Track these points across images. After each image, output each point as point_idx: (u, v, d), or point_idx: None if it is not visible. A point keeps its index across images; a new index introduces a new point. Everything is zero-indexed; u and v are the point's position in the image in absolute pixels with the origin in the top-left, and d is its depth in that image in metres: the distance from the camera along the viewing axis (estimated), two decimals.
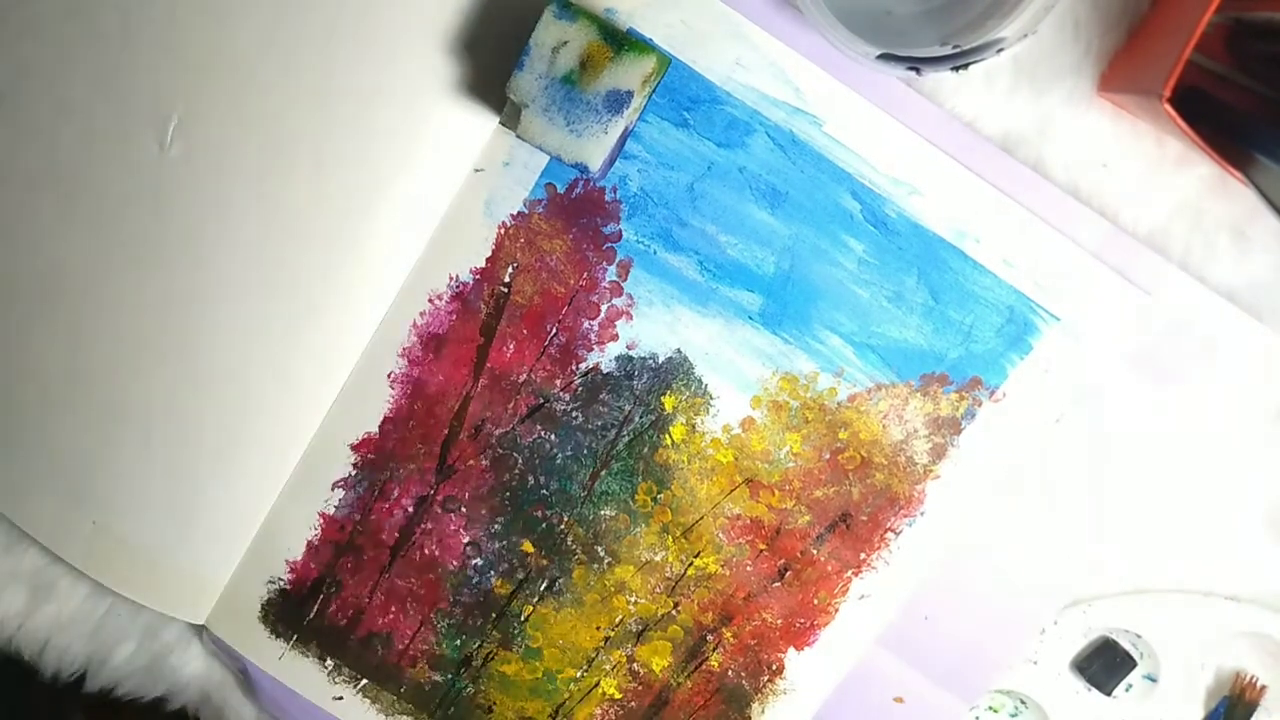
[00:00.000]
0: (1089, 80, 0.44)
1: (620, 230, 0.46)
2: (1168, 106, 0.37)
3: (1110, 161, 0.45)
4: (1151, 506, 0.48)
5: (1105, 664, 0.50)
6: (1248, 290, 0.45)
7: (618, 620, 0.50)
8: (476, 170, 0.46)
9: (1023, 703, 0.51)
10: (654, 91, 0.44)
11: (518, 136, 0.42)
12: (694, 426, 0.48)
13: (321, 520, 0.50)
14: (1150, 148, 0.45)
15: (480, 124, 0.45)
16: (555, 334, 0.48)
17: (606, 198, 0.46)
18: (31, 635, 0.53)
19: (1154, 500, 0.48)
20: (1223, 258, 0.45)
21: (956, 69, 0.39)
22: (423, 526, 0.50)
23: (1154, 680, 0.50)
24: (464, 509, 0.50)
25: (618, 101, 0.41)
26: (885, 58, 0.39)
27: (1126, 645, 0.50)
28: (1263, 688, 0.50)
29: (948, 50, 0.39)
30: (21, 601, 0.53)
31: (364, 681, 0.51)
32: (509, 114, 0.43)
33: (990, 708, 0.51)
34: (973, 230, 0.45)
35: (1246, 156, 0.39)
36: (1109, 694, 0.50)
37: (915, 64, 0.39)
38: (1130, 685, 0.51)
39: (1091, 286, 0.45)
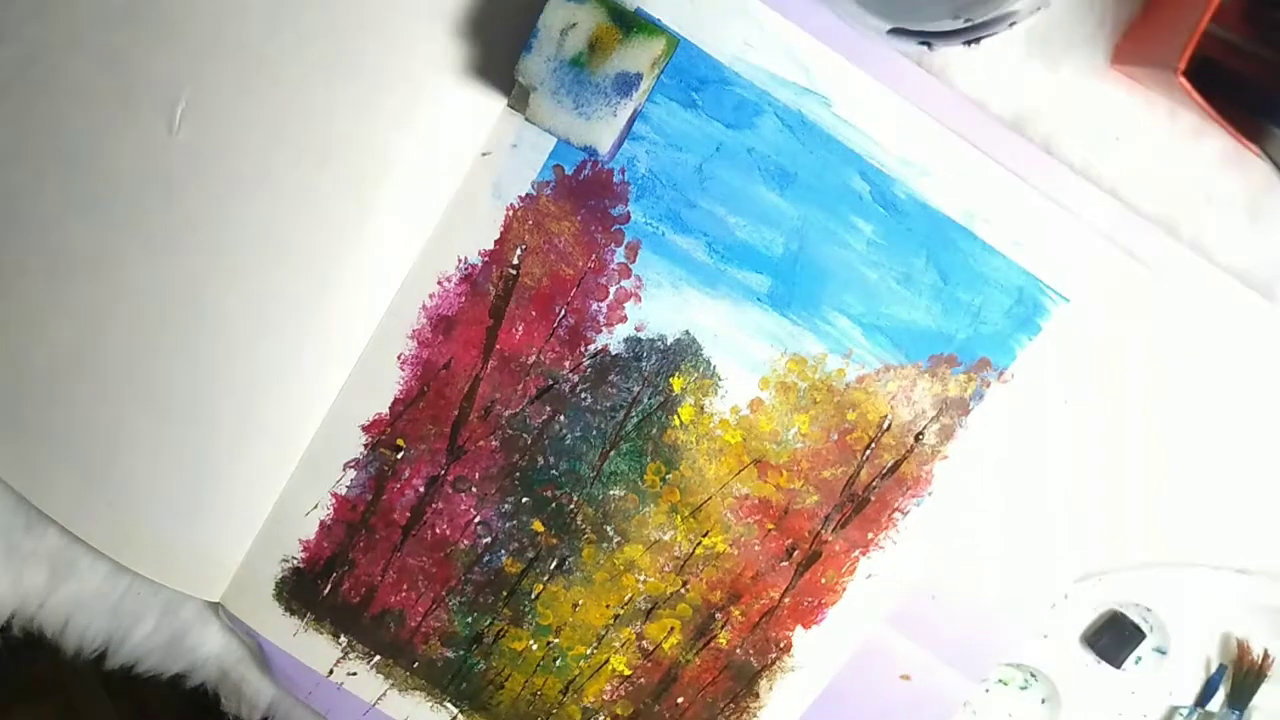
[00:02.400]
0: (1103, 53, 0.44)
1: (628, 212, 0.46)
2: (1182, 80, 0.37)
3: (1123, 135, 0.44)
4: (1160, 481, 0.48)
5: (1115, 637, 0.50)
6: (1261, 264, 0.45)
7: (627, 598, 0.51)
8: (484, 154, 0.46)
9: (1033, 675, 0.52)
10: (662, 73, 0.44)
11: (526, 119, 0.42)
12: (702, 407, 0.48)
13: (334, 500, 0.50)
14: (1164, 120, 0.44)
15: (488, 106, 0.45)
16: (564, 316, 0.48)
17: (614, 179, 0.46)
18: (53, 613, 0.54)
19: (1163, 475, 0.47)
20: (1236, 231, 0.45)
21: (968, 43, 0.38)
22: (434, 506, 0.50)
23: (1163, 653, 0.51)
24: (474, 489, 0.50)
25: (627, 84, 0.41)
26: (896, 32, 0.38)
27: (1136, 618, 0.50)
28: (1270, 659, 0.50)
29: (959, 24, 0.38)
30: (43, 580, 0.53)
31: (377, 658, 0.52)
32: (517, 97, 0.43)
33: (1000, 680, 0.52)
34: (982, 211, 0.45)
35: (1261, 129, 0.39)
36: (1119, 667, 0.51)
37: (927, 38, 0.38)
38: (1140, 658, 0.51)
39: (1101, 267, 0.45)
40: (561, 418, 0.49)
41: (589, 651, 0.51)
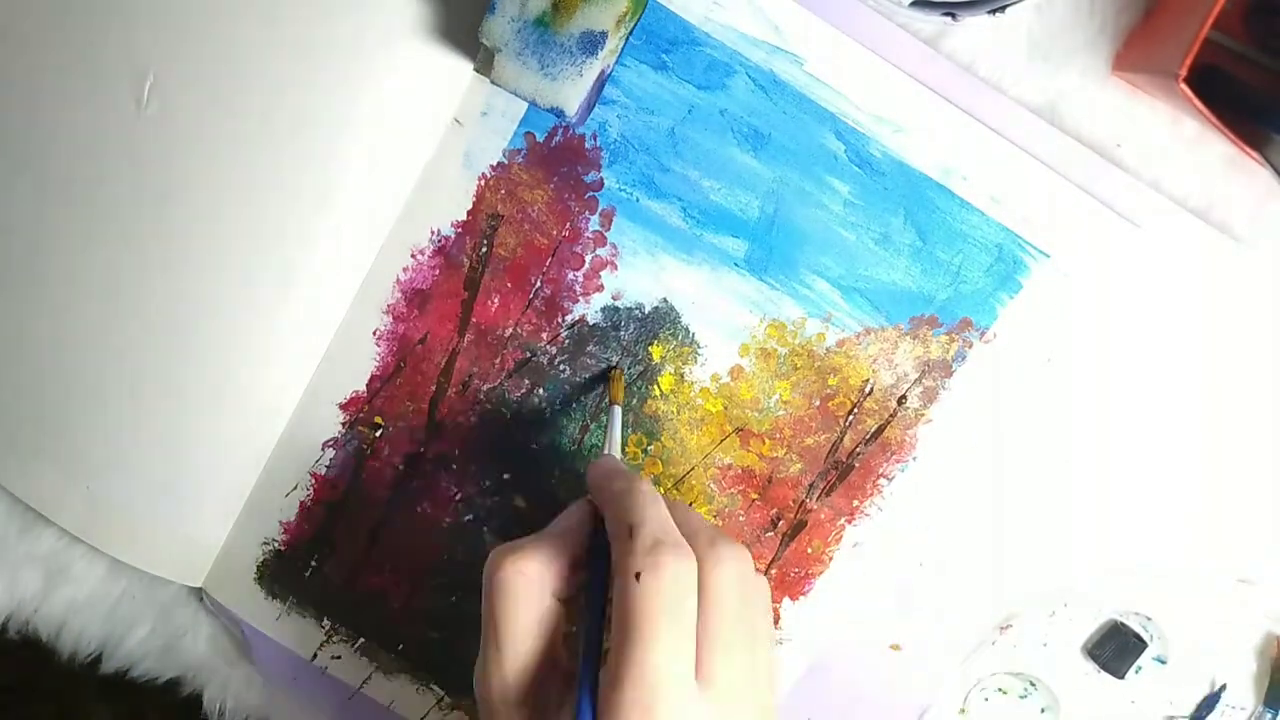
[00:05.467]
0: (1104, 59, 0.44)
1: (602, 178, 0.46)
2: (1183, 86, 0.36)
3: (1124, 141, 0.44)
4: (1157, 479, 0.47)
5: (1118, 648, 0.49)
6: (1267, 270, 0.45)
7: None
8: (456, 121, 0.45)
9: (1032, 684, 0.51)
10: (630, 33, 0.43)
11: (492, 82, 0.41)
12: (682, 376, 0.47)
13: (313, 480, 0.50)
14: (1165, 127, 0.44)
15: (457, 73, 0.45)
16: (540, 286, 0.47)
17: (586, 145, 0.45)
18: (48, 617, 0.53)
19: (1160, 473, 0.47)
20: (1239, 238, 0.44)
21: (993, 12, 0.38)
22: (415, 484, 0.50)
23: (1163, 662, 0.50)
24: (455, 465, 0.49)
25: (592, 43, 0.40)
26: (919, 4, 0.38)
27: (1136, 627, 0.49)
28: None
29: None
30: (38, 584, 0.53)
31: (361, 641, 0.52)
32: (482, 60, 0.43)
33: (1000, 689, 0.51)
34: (959, 167, 0.44)
35: (1263, 136, 0.38)
36: (1120, 677, 0.50)
37: (950, 9, 0.38)
38: (1139, 667, 0.50)
39: (1081, 221, 0.44)
40: (541, 391, 0.48)
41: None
